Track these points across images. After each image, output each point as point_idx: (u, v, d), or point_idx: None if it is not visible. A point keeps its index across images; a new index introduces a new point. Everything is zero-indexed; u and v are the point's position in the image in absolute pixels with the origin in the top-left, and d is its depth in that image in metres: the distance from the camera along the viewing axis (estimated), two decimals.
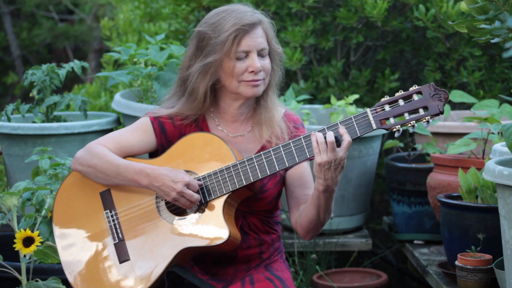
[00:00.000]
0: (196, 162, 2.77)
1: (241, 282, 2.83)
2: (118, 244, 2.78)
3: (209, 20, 2.79)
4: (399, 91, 2.64)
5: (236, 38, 2.72)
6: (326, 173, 2.61)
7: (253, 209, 2.85)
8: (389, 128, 2.61)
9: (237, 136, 2.87)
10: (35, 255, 2.91)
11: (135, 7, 5.47)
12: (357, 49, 4.72)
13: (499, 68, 4.46)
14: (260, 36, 2.77)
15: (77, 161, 2.82)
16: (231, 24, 2.73)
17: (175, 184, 2.69)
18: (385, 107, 2.62)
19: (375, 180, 4.64)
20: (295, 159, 2.67)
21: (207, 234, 2.70)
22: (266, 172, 2.70)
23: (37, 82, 3.93)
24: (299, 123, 2.92)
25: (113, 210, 2.81)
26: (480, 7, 2.54)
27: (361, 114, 2.63)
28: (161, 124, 2.86)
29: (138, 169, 2.74)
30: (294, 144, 2.67)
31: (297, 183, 2.84)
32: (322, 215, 2.71)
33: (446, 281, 3.19)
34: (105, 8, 8.62)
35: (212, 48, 2.75)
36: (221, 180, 2.73)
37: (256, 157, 2.70)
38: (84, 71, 4.04)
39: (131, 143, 2.84)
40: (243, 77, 2.76)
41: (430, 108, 2.57)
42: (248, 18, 2.74)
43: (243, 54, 2.75)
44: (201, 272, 2.85)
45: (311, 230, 2.77)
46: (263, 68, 2.77)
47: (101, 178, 2.79)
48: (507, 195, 2.59)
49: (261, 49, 2.76)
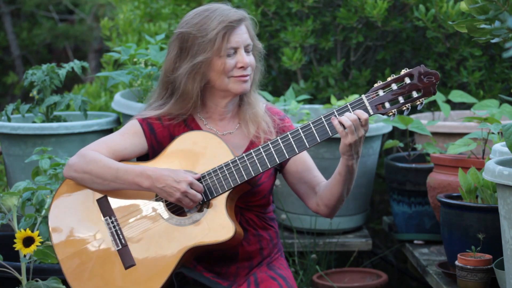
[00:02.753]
0: (194, 161, 2.77)
1: (246, 283, 2.83)
2: (121, 250, 2.76)
3: (191, 20, 2.80)
4: (391, 75, 2.66)
5: (225, 35, 2.75)
6: (354, 149, 2.67)
7: (249, 204, 2.86)
8: (385, 113, 2.66)
9: (226, 134, 2.89)
10: (35, 255, 2.91)
11: (135, 7, 5.47)
12: (357, 49, 4.72)
13: (499, 68, 4.46)
14: (245, 32, 2.81)
15: (71, 168, 2.79)
16: (218, 22, 2.75)
17: (178, 184, 2.69)
18: (379, 92, 2.66)
19: (375, 180, 4.64)
20: (295, 151, 2.70)
21: (213, 231, 2.70)
22: (267, 165, 2.71)
23: (37, 82, 3.93)
24: (282, 114, 2.96)
25: (113, 216, 2.78)
26: (480, 7, 2.54)
27: (357, 100, 2.67)
28: (149, 125, 2.86)
29: (138, 172, 2.73)
30: (291, 136, 2.70)
31: (302, 168, 2.88)
32: (351, 185, 2.78)
33: (446, 281, 3.19)
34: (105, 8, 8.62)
35: (200, 48, 2.76)
36: (222, 177, 2.73)
37: (255, 151, 2.72)
38: (84, 71, 4.04)
39: (123, 147, 2.83)
40: (232, 73, 2.78)
41: (423, 90, 2.63)
42: (234, 14, 2.78)
43: (231, 51, 2.77)
44: (204, 271, 2.85)
45: (338, 206, 2.83)
46: (250, 64, 2.80)
47: (98, 184, 2.77)
48: (507, 195, 2.59)
49: (247, 45, 2.80)
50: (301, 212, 4.00)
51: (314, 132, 2.69)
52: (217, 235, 2.70)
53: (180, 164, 2.77)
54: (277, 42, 4.61)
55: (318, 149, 3.89)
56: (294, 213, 4.03)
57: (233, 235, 2.69)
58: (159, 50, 3.96)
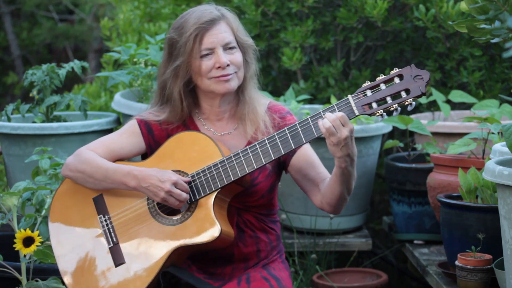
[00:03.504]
0: (185, 161, 2.78)
1: (237, 281, 2.83)
2: (113, 248, 2.79)
3: (175, 24, 2.83)
4: (379, 75, 2.64)
5: (197, 37, 2.75)
6: (343, 151, 2.62)
7: (247, 205, 2.85)
8: (372, 114, 2.62)
9: (224, 134, 2.88)
10: (35, 255, 2.92)
11: (135, 7, 5.47)
12: (357, 49, 4.72)
13: (499, 68, 4.46)
14: (223, 31, 2.78)
15: (67, 167, 2.84)
16: (191, 24, 2.76)
17: (162, 184, 2.70)
18: (366, 92, 2.63)
19: (375, 180, 4.64)
20: (281, 151, 2.68)
21: (198, 232, 2.71)
22: (253, 166, 2.71)
23: (37, 82, 3.93)
24: (284, 111, 2.92)
25: (106, 214, 2.82)
26: (480, 7, 2.54)
27: (343, 101, 2.64)
28: (148, 125, 2.87)
29: (125, 172, 2.76)
30: (278, 136, 2.68)
31: (306, 165, 2.86)
32: (350, 185, 2.74)
33: (446, 281, 3.19)
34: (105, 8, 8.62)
35: (178, 52, 2.78)
36: (210, 177, 2.73)
37: (242, 152, 2.72)
38: (84, 71, 4.04)
39: (120, 146, 2.86)
40: (211, 74, 2.78)
41: (411, 90, 2.58)
42: (207, 15, 2.77)
43: (207, 51, 2.77)
44: (198, 271, 2.85)
45: (340, 204, 2.80)
46: (232, 62, 2.78)
47: (90, 183, 2.81)
48: (507, 195, 2.59)
49: (225, 44, 2.78)
50: (301, 212, 4.00)
51: (299, 132, 2.68)
52: (202, 235, 2.71)
53: (172, 164, 2.79)
54: (277, 42, 4.61)
55: (318, 149, 3.88)
56: (294, 213, 4.03)
57: (218, 236, 2.69)
58: (159, 50, 3.96)
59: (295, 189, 3.95)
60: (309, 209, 3.97)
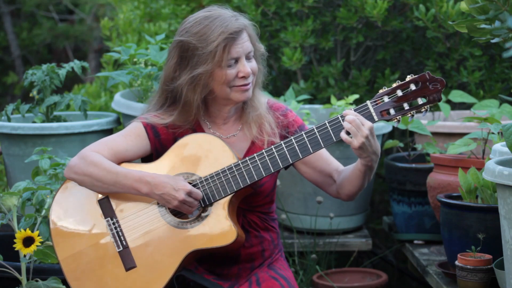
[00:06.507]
0: (196, 163, 2.76)
1: (248, 283, 2.84)
2: (122, 252, 2.75)
3: (191, 29, 2.76)
4: (396, 81, 2.65)
5: (226, 47, 2.72)
6: (369, 149, 2.67)
7: (252, 205, 2.86)
8: (390, 119, 2.65)
9: (230, 136, 2.88)
10: (35, 255, 2.91)
11: (135, 7, 5.47)
12: (357, 49, 4.72)
13: (499, 68, 4.46)
14: (246, 40, 2.77)
15: (72, 169, 2.77)
16: (218, 33, 2.71)
17: (176, 193, 2.69)
18: (384, 98, 2.65)
19: (375, 180, 4.64)
20: (298, 155, 2.70)
21: (215, 235, 2.70)
22: (270, 170, 2.71)
23: (37, 82, 3.93)
24: (284, 108, 2.94)
25: (114, 217, 2.77)
26: (480, 7, 2.54)
27: (362, 106, 2.66)
28: (154, 129, 2.84)
29: (137, 177, 2.72)
30: (296, 141, 2.70)
31: (315, 157, 2.88)
32: (370, 178, 2.81)
33: (446, 281, 3.19)
34: (105, 8, 8.62)
35: (200, 59, 2.73)
36: (224, 180, 2.72)
37: (258, 155, 2.72)
38: (84, 71, 4.03)
39: (124, 148, 2.82)
40: (234, 83, 2.76)
41: (428, 97, 2.62)
42: (234, 25, 2.73)
43: (232, 61, 2.74)
44: (205, 272, 2.85)
45: (359, 193, 2.86)
46: (252, 71, 2.78)
47: (98, 187, 2.76)
48: (507, 195, 2.59)
49: (248, 53, 2.77)
50: (301, 212, 4.00)
51: (318, 137, 2.68)
52: (219, 239, 2.70)
53: (182, 166, 2.76)
54: (277, 42, 4.61)
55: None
56: (294, 213, 4.03)
57: (235, 239, 2.69)
58: (159, 50, 3.96)
59: (295, 189, 3.95)
60: (309, 209, 3.98)
